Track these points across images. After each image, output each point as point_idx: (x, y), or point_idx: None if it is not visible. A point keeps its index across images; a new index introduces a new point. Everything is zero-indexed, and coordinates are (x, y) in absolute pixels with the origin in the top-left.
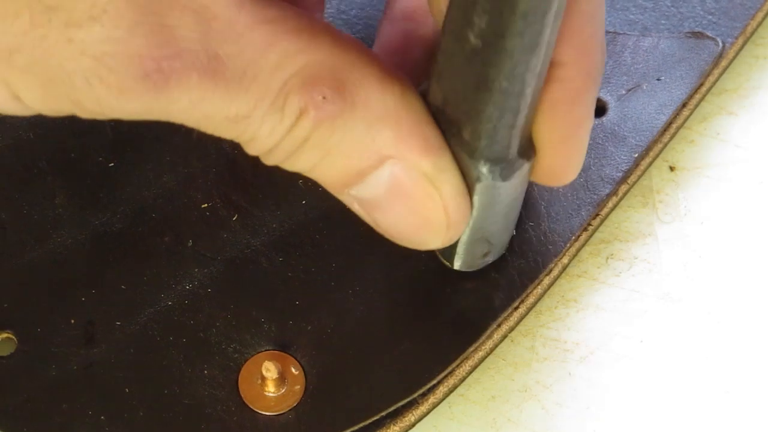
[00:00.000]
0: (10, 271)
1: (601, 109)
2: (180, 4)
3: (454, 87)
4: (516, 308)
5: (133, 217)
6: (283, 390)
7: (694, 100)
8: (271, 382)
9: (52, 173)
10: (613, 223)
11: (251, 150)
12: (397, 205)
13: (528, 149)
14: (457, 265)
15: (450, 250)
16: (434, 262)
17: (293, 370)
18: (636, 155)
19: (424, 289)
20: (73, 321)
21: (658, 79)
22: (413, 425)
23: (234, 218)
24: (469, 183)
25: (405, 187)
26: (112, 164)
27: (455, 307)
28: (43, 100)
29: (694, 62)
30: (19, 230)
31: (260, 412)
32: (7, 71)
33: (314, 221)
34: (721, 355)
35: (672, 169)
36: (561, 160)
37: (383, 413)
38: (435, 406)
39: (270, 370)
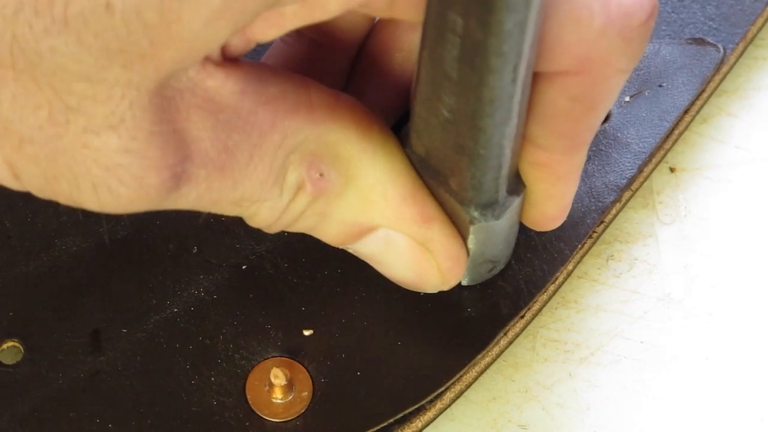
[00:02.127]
0: (16, 279)
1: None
2: (189, 104)
3: (434, 146)
4: (522, 316)
5: (137, 224)
6: (291, 396)
7: (696, 106)
8: (278, 388)
9: None
10: (613, 225)
11: (252, 224)
12: (393, 261)
13: (517, 185)
14: (465, 282)
15: None
16: None
17: (301, 376)
18: (640, 162)
19: (432, 296)
20: (79, 329)
21: (660, 86)
22: (420, 431)
23: (238, 224)
24: (462, 225)
25: (399, 250)
26: None
27: (462, 315)
28: (41, 190)
29: (695, 69)
30: (24, 238)
31: (268, 419)
32: (15, 155)
33: None
34: (721, 355)
35: (672, 170)
36: (545, 215)
37: (391, 420)
38: (442, 411)
39: (278, 376)
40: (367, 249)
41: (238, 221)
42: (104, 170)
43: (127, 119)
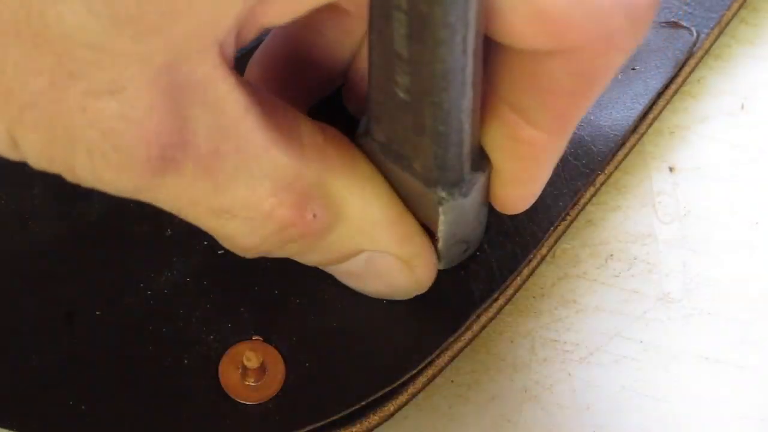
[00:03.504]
0: None
1: None
2: (195, 94)
3: (394, 129)
4: (495, 300)
5: (110, 206)
6: (264, 380)
7: (670, 91)
8: (251, 371)
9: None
10: (612, 224)
11: (229, 245)
12: (369, 278)
13: (481, 161)
14: (440, 266)
15: None
16: None
17: (273, 359)
18: (612, 145)
19: None
20: (52, 311)
21: (632, 69)
22: (392, 415)
23: None
24: (431, 207)
25: (381, 268)
26: None
27: (435, 298)
28: (38, 157)
29: (669, 52)
30: None
31: (241, 401)
32: (16, 123)
33: None
34: (720, 355)
35: (671, 169)
36: (510, 196)
37: (363, 403)
38: (414, 396)
39: (251, 359)
40: (344, 269)
41: None
42: (100, 135)
43: (128, 88)
